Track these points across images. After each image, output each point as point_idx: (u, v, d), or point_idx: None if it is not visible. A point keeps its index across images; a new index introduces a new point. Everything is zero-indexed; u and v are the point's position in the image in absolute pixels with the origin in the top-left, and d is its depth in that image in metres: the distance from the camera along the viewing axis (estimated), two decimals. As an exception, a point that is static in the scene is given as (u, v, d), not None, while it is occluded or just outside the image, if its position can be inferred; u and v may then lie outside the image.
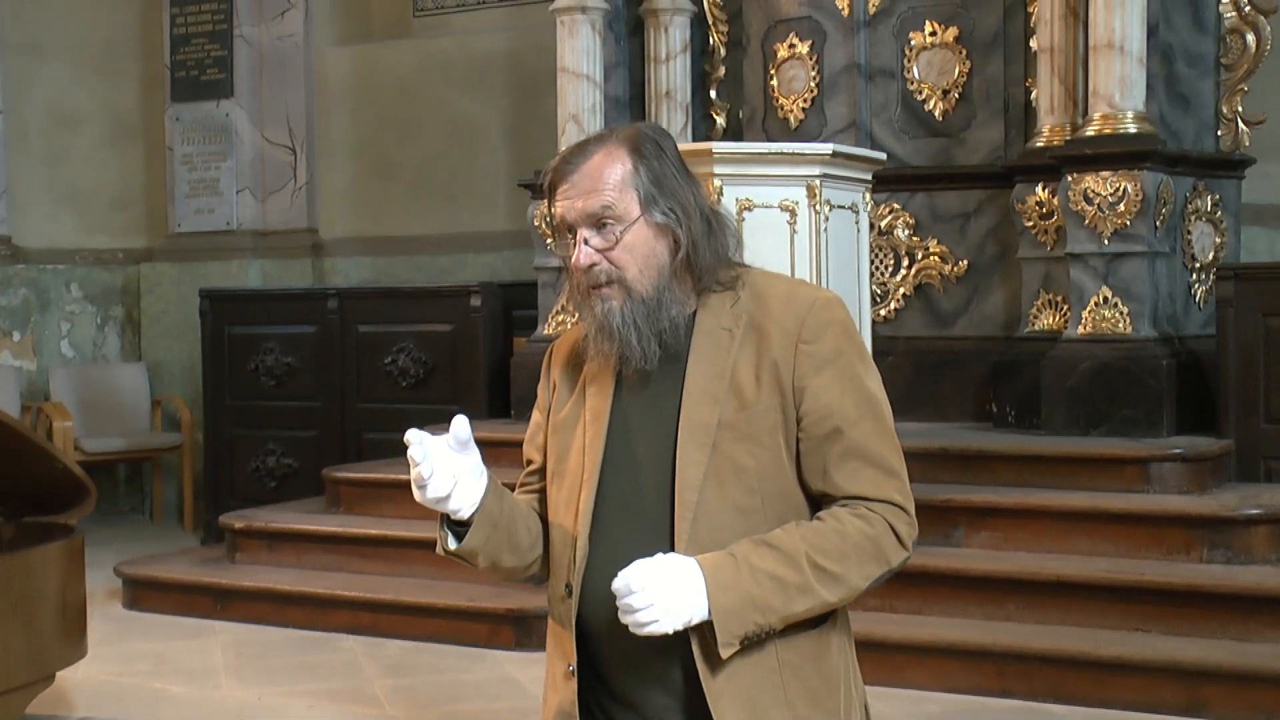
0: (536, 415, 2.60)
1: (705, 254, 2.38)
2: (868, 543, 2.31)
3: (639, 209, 2.34)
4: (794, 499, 2.36)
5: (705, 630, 2.26)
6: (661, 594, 2.20)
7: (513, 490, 2.59)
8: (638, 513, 2.37)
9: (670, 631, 2.22)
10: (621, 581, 2.22)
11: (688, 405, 2.34)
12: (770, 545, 2.27)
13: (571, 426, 2.47)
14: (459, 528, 2.41)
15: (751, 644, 2.28)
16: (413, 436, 2.26)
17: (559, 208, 2.38)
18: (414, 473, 2.28)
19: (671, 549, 2.31)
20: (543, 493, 2.56)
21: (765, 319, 2.36)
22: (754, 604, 2.24)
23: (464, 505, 2.36)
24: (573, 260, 2.36)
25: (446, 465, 2.30)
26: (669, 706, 2.35)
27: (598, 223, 2.34)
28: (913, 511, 2.37)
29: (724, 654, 2.24)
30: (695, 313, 2.40)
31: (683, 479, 2.32)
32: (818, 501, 2.37)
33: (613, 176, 2.35)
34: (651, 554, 2.31)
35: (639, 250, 2.35)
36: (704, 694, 2.29)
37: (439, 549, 2.45)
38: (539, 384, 2.61)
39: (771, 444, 2.33)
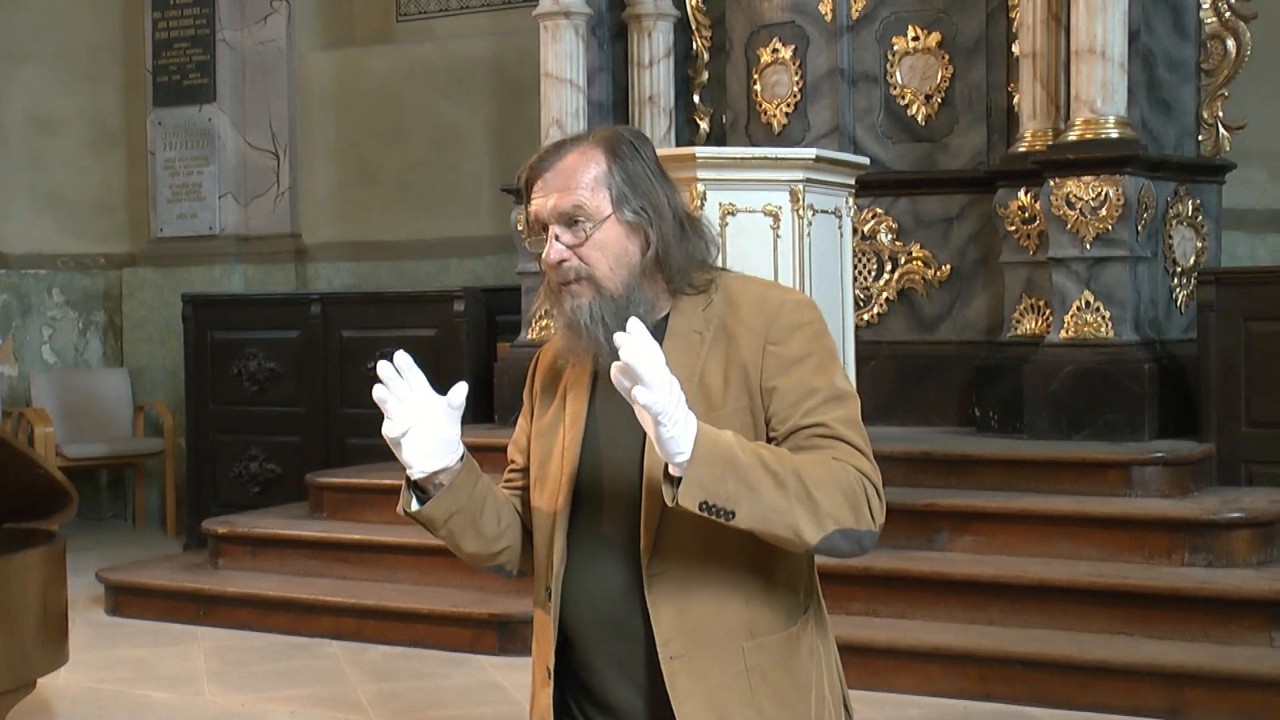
0: (520, 420, 2.62)
1: (677, 255, 2.37)
2: (848, 487, 2.24)
3: (610, 207, 2.35)
4: None
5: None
6: (672, 394, 2.10)
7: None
8: (611, 516, 2.38)
9: (656, 411, 2.07)
10: (629, 340, 2.08)
11: None
12: (762, 444, 2.23)
13: (552, 432, 2.48)
14: (423, 492, 2.40)
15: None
16: (401, 361, 2.26)
17: (533, 206, 2.40)
18: (375, 389, 2.26)
19: (638, 552, 2.32)
20: (524, 491, 2.57)
21: (735, 322, 2.36)
22: (732, 464, 2.14)
23: (417, 464, 2.32)
24: (544, 257, 2.37)
25: (410, 410, 2.28)
26: (645, 710, 2.36)
27: (569, 221, 2.35)
28: (884, 497, 2.31)
29: (683, 502, 2.13)
30: (668, 316, 2.40)
31: (651, 482, 2.31)
32: None
33: (586, 176, 2.35)
34: (625, 558, 2.32)
35: (610, 248, 2.35)
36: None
37: (399, 507, 2.43)
38: (524, 389, 2.62)
39: None
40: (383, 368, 2.26)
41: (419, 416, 2.29)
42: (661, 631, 2.31)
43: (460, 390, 2.30)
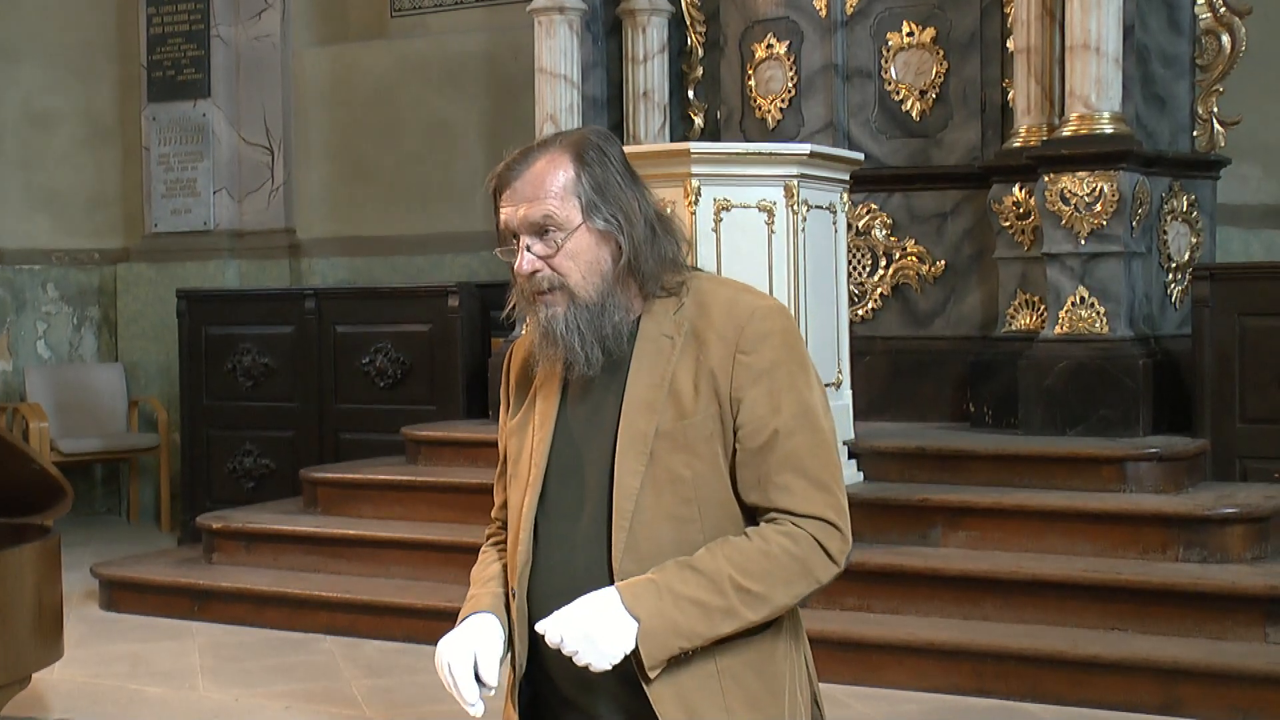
0: (501, 419, 2.61)
1: (648, 260, 2.36)
2: (793, 562, 2.29)
3: (580, 216, 2.33)
4: (731, 509, 2.35)
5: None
6: (587, 638, 2.23)
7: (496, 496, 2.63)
8: (579, 519, 2.38)
9: (609, 668, 2.25)
10: (550, 636, 2.26)
11: (627, 413, 2.34)
12: (694, 569, 2.27)
13: (524, 431, 2.48)
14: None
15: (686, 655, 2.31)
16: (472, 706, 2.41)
17: (503, 214, 2.38)
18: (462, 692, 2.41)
19: (609, 557, 2.32)
20: None
21: (705, 327, 2.35)
22: (676, 630, 2.24)
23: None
24: (515, 267, 2.36)
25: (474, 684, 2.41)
26: (613, 709, 2.35)
27: (540, 230, 2.33)
28: (846, 527, 2.34)
29: (650, 675, 2.26)
30: (640, 319, 2.40)
31: (620, 488, 2.32)
32: (753, 513, 2.37)
33: (555, 184, 2.33)
34: (594, 559, 2.33)
35: (581, 257, 2.34)
36: (645, 697, 2.29)
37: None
38: (500, 387, 2.62)
39: (709, 454, 2.33)
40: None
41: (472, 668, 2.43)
42: None
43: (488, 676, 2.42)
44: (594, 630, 2.23)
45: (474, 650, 2.42)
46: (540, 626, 2.27)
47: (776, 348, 2.34)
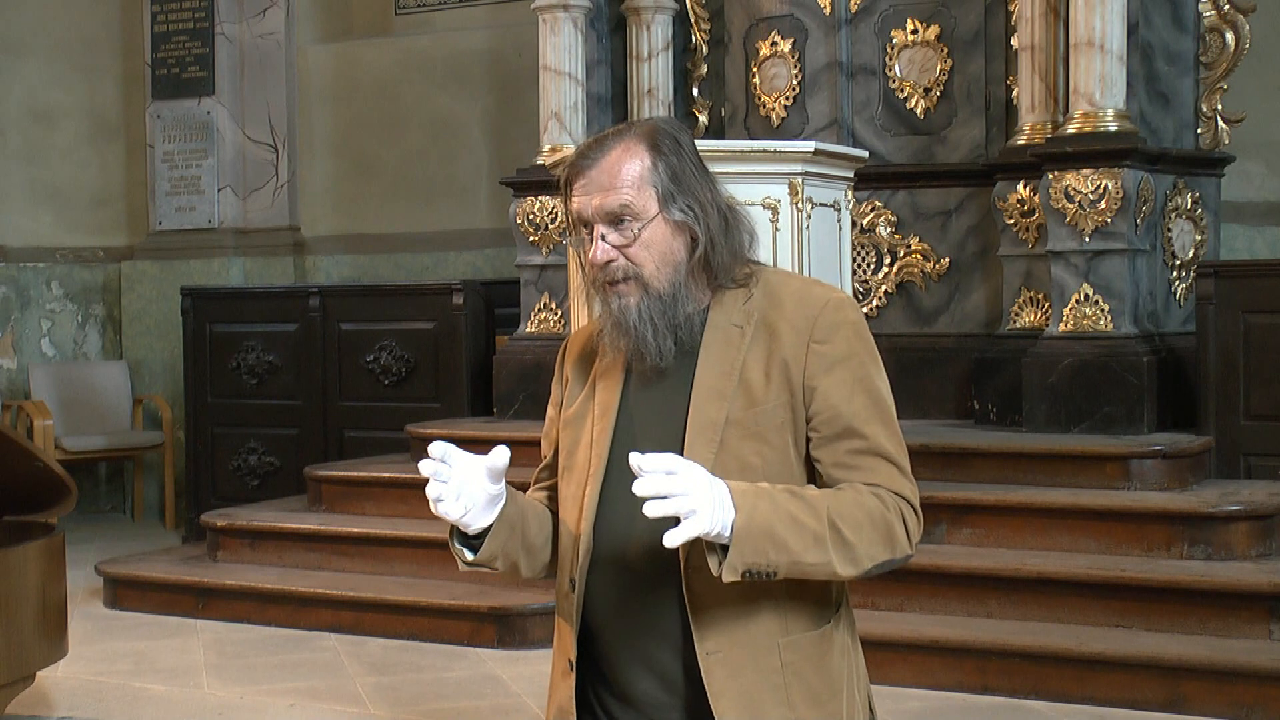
0: (550, 410, 2.60)
1: (722, 251, 2.36)
2: (882, 522, 2.27)
3: (657, 206, 2.33)
4: None
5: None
6: (699, 487, 2.11)
7: (526, 490, 2.61)
8: (642, 508, 2.36)
9: (692, 532, 2.10)
10: (656, 462, 2.09)
11: (697, 401, 2.33)
12: (794, 493, 2.24)
13: (581, 421, 2.46)
14: (473, 539, 2.40)
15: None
16: (435, 451, 2.25)
17: (576, 203, 2.36)
18: (429, 488, 2.27)
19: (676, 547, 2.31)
20: (555, 488, 2.55)
21: (777, 317, 2.35)
22: (771, 536, 2.17)
23: (472, 524, 2.34)
24: (589, 256, 2.34)
25: (462, 489, 2.29)
26: (670, 705, 2.34)
27: (616, 219, 2.32)
28: (920, 514, 2.34)
29: (725, 578, 2.16)
30: (708, 309, 2.39)
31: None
32: None
33: (631, 173, 2.32)
34: (657, 552, 2.27)
35: (656, 247, 2.33)
36: (704, 692, 2.27)
37: (459, 565, 2.45)
38: (553, 378, 2.60)
39: (779, 442, 2.32)
40: (426, 466, 2.27)
41: (468, 486, 2.30)
42: (699, 627, 2.29)
43: (502, 455, 2.30)
44: (698, 488, 2.11)
45: (482, 461, 2.32)
46: (636, 459, 2.09)
47: (850, 338, 2.35)
